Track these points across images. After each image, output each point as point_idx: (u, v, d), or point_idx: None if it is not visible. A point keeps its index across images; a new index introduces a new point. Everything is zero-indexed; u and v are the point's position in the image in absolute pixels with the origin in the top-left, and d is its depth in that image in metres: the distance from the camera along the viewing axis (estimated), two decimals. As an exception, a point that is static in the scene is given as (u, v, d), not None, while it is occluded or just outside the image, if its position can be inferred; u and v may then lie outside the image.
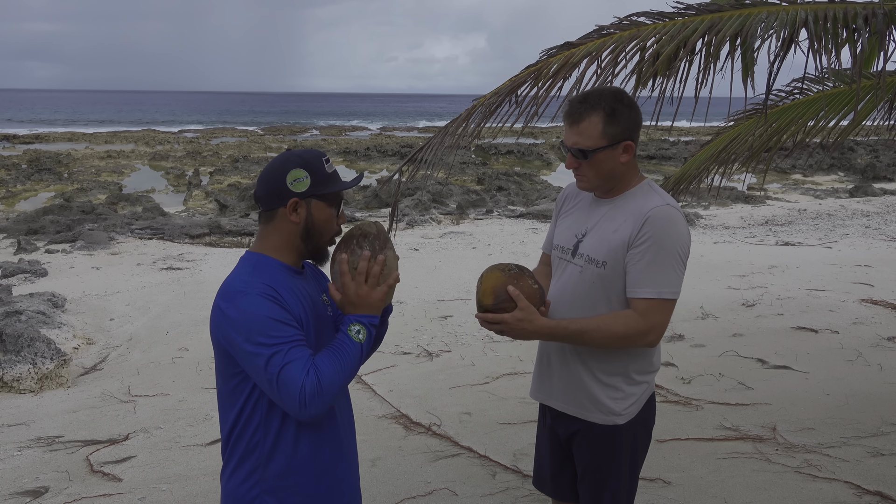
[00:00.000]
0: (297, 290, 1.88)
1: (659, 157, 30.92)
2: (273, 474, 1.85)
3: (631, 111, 2.16)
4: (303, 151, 1.91)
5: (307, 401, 1.72)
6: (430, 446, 4.26)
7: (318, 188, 1.87)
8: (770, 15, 2.91)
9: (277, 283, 1.83)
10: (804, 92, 4.65)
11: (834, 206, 16.56)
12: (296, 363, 1.73)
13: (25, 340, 5.75)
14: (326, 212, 1.91)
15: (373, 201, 17.45)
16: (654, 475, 3.82)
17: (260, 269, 1.86)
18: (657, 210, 2.12)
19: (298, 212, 1.88)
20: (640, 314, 2.11)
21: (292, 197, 1.86)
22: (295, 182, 1.85)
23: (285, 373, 1.72)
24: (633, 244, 2.12)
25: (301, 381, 1.71)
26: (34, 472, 4.02)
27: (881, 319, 6.70)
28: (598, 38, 3.26)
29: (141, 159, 30.38)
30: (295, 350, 1.75)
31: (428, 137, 3.71)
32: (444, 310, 7.32)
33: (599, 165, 2.18)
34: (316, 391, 1.72)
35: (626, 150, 2.17)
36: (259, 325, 1.74)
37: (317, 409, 1.73)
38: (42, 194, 20.48)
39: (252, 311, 1.75)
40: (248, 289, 1.78)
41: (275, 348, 1.73)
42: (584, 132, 2.15)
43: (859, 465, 3.93)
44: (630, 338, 2.12)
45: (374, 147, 35.17)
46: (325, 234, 1.93)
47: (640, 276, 2.11)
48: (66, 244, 11.80)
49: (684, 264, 2.15)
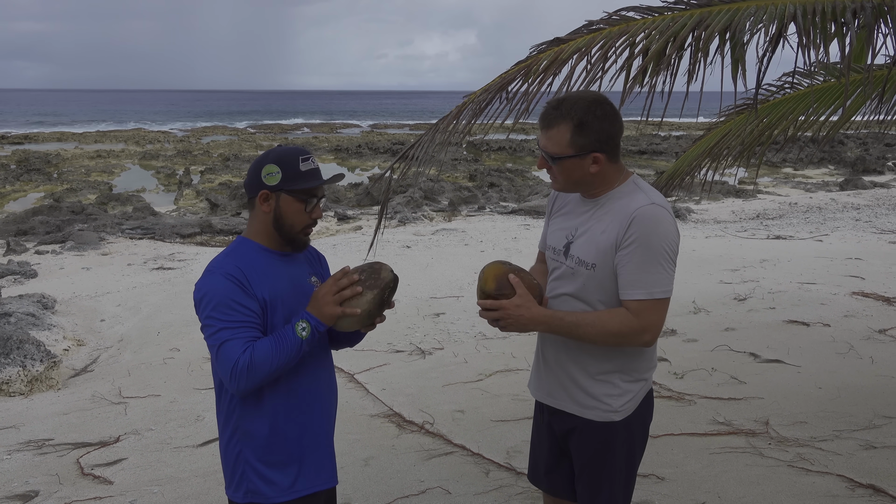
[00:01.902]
0: (271, 271, 2.10)
1: (650, 151, 30.98)
2: (249, 436, 2.10)
3: (603, 123, 2.12)
4: (285, 149, 2.10)
5: (237, 376, 1.95)
6: (423, 445, 4.25)
7: (287, 184, 2.06)
8: (759, 9, 2.90)
9: (249, 264, 2.06)
10: (795, 86, 4.65)
11: (825, 199, 16.64)
12: (237, 341, 1.96)
13: (15, 343, 5.70)
14: (294, 206, 2.09)
15: (364, 199, 17.41)
16: (648, 471, 3.82)
17: (236, 252, 2.10)
18: (642, 210, 2.10)
19: (269, 203, 2.09)
20: (635, 315, 2.11)
21: (262, 189, 2.08)
22: (267, 176, 2.07)
23: (225, 347, 1.96)
24: (621, 245, 2.11)
25: (236, 358, 1.94)
26: (24, 475, 3.99)
27: (872, 312, 6.72)
28: (587, 33, 3.25)
29: (131, 159, 30.21)
30: (241, 330, 1.97)
31: (419, 134, 3.69)
32: (436, 307, 7.30)
33: (567, 172, 2.18)
34: (246, 369, 1.94)
35: (595, 161, 2.14)
36: (215, 302, 1.98)
37: (245, 384, 1.96)
38: (31, 195, 20.33)
39: (213, 289, 1.99)
40: (217, 269, 2.03)
41: (224, 324, 1.97)
42: (553, 138, 2.14)
43: (852, 458, 3.95)
44: (625, 336, 2.12)
45: (365, 144, 35.10)
46: (296, 225, 2.11)
47: (631, 278, 2.11)
48: (55, 245, 11.72)
49: (674, 262, 2.14)
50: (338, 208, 16.14)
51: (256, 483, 2.11)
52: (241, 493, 2.13)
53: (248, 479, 2.12)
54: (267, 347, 1.97)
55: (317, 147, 35.52)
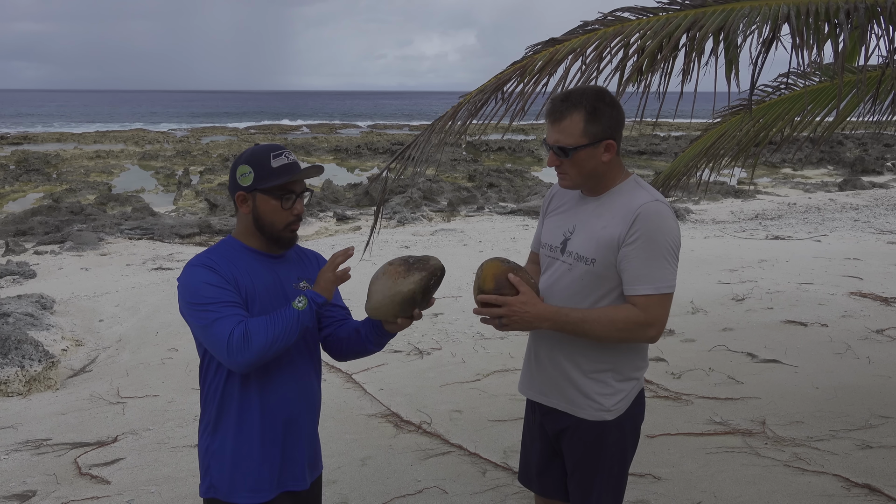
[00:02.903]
0: (251, 268, 2.10)
1: (649, 152, 30.99)
2: (219, 432, 2.11)
3: (612, 110, 2.16)
4: (257, 147, 2.09)
5: (234, 348, 1.93)
6: (420, 444, 4.26)
7: (260, 182, 2.05)
8: (753, 10, 2.90)
9: (227, 258, 2.07)
10: (790, 87, 4.66)
11: (823, 199, 16.65)
12: (228, 318, 1.96)
13: (13, 343, 5.70)
14: (270, 204, 2.07)
15: (363, 199, 17.41)
16: (644, 470, 3.83)
17: (218, 248, 2.12)
18: (646, 206, 2.13)
19: (247, 203, 2.09)
20: (641, 310, 2.12)
21: (239, 191, 2.08)
22: (241, 177, 2.06)
23: (217, 324, 1.95)
24: (625, 242, 2.13)
25: (230, 331, 1.93)
26: (21, 475, 3.99)
27: (870, 312, 6.73)
28: (582, 34, 3.26)
29: (130, 159, 30.21)
30: (228, 308, 1.98)
31: (419, 135, 3.70)
32: (434, 307, 7.31)
33: (581, 164, 2.18)
34: (242, 339, 1.93)
35: (608, 148, 2.17)
36: (195, 288, 1.99)
37: (243, 357, 1.93)
38: (31, 195, 20.33)
39: (192, 277, 2.01)
40: (195, 261, 2.05)
41: (209, 305, 1.97)
42: (565, 130, 2.15)
43: (848, 458, 3.95)
44: (631, 330, 2.13)
45: (364, 145, 35.09)
46: (276, 224, 2.09)
47: (637, 273, 2.12)
48: (54, 245, 11.73)
49: (677, 257, 2.16)
50: (336, 208, 16.14)
51: (219, 479, 2.13)
52: (205, 486, 2.15)
53: (210, 475, 2.13)
54: (263, 321, 1.97)
55: (316, 147, 35.51)
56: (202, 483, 2.17)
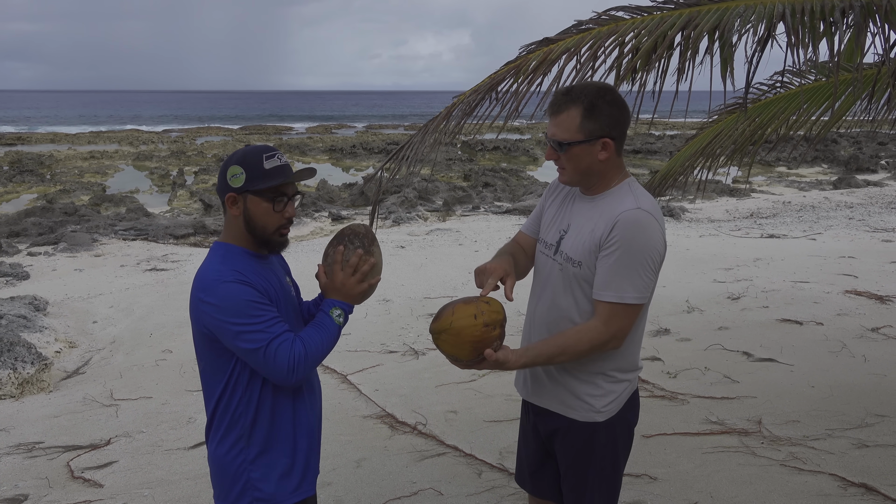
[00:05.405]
0: (263, 273, 2.08)
1: (645, 151, 30.98)
2: (256, 442, 2.07)
3: (613, 108, 2.13)
4: (249, 148, 2.06)
5: (295, 368, 1.96)
6: (415, 446, 4.24)
7: (251, 184, 2.01)
8: (748, 9, 2.89)
9: (245, 268, 2.02)
10: (786, 85, 4.65)
11: (818, 198, 16.67)
12: (284, 336, 1.96)
13: (6, 345, 5.67)
14: (262, 206, 2.03)
15: (359, 199, 17.37)
16: (640, 471, 3.82)
17: (228, 258, 2.04)
18: (627, 214, 2.10)
19: (238, 205, 2.05)
20: (603, 320, 2.12)
21: (229, 192, 2.04)
22: (232, 178, 2.03)
23: (274, 345, 1.94)
24: (603, 246, 2.12)
25: (290, 352, 1.96)
26: (13, 479, 3.96)
27: (865, 310, 6.74)
28: (576, 33, 3.24)
29: (124, 160, 30.08)
30: (277, 325, 1.97)
31: (413, 135, 3.68)
32: (430, 307, 7.29)
33: (576, 160, 2.16)
34: (303, 359, 1.97)
35: (605, 147, 2.14)
36: (238, 308, 1.93)
37: (301, 374, 1.99)
38: (24, 196, 20.22)
39: (233, 296, 1.94)
40: (223, 277, 1.97)
41: (260, 325, 1.94)
42: (562, 124, 2.13)
43: (844, 457, 3.95)
44: (595, 349, 2.15)
45: (360, 144, 35.02)
46: (268, 227, 2.06)
47: (605, 279, 2.12)
48: (48, 246, 11.66)
49: (653, 269, 2.13)
50: (332, 208, 16.10)
51: (262, 489, 2.08)
52: (247, 501, 2.08)
53: (252, 488, 2.08)
54: (314, 336, 2.02)
55: (311, 147, 35.43)
56: (235, 496, 2.09)
